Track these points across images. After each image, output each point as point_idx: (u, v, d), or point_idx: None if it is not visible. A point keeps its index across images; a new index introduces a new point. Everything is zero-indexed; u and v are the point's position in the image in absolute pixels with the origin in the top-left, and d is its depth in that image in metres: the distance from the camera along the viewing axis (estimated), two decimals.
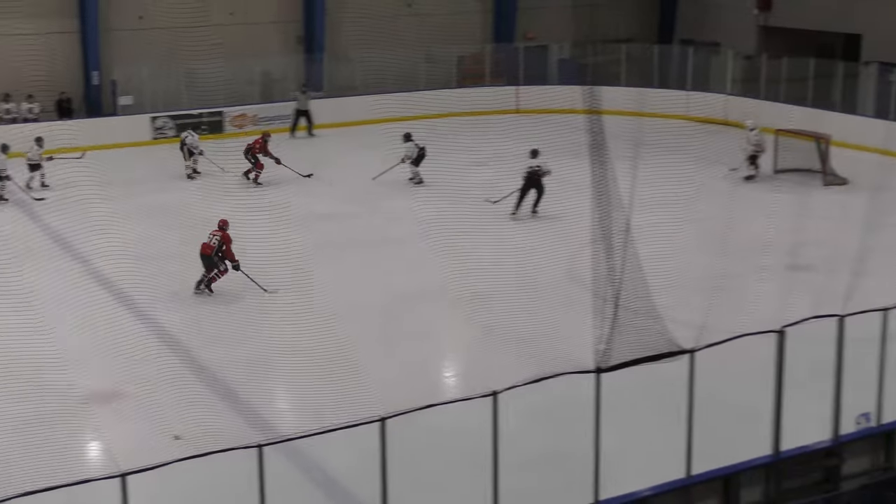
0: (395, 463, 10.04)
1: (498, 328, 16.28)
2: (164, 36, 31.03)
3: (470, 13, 36.51)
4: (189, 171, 27.32)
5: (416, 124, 28.39)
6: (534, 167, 23.08)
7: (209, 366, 15.37)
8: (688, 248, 19.53)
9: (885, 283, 16.90)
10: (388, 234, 21.40)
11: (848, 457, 12.00)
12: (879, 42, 32.20)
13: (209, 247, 18.59)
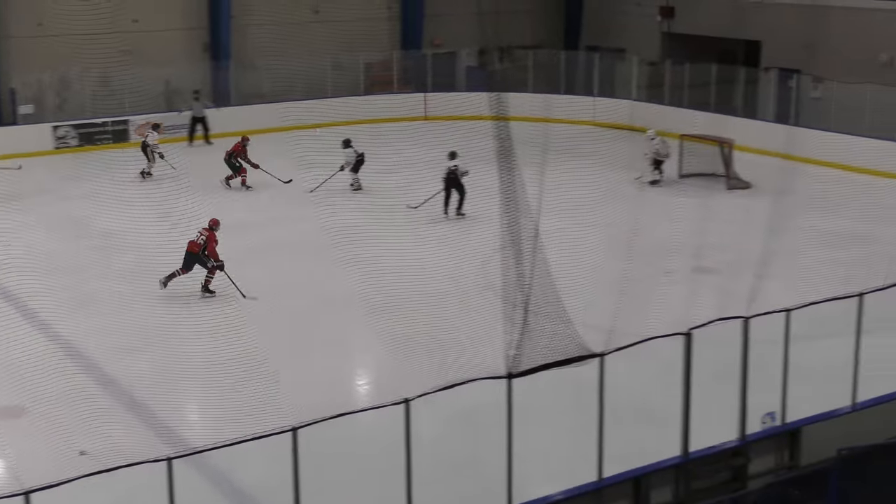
0: (308, 473, 9.96)
1: (409, 335, 16.26)
2: (66, 43, 30.41)
3: (377, 20, 36.44)
4: (148, 170, 27.25)
5: (323, 132, 28.27)
6: (451, 168, 23.18)
7: (116, 378, 15.10)
8: (596, 253, 19.70)
9: (788, 285, 17.25)
10: (298, 242, 21.25)
11: (754, 456, 12.22)
12: (778, 48, 32.92)
13: (196, 245, 18.84)
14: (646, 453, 11.87)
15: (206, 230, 18.97)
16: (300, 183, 24.62)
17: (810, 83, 31.27)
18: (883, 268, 15.48)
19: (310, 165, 23.24)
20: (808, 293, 14.09)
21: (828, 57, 30.98)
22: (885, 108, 28.68)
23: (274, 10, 33.84)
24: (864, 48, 30.37)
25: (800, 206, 23.60)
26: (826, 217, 23.09)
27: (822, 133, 28.54)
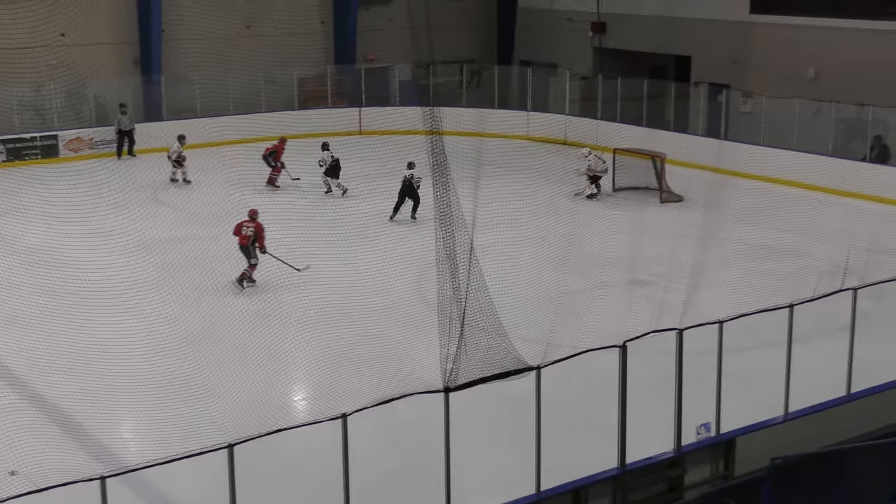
0: (245, 489, 9.86)
1: (346, 350, 16.20)
2: None
3: (310, 35, 36.36)
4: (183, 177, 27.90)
5: (259, 147, 28.14)
6: (407, 177, 23.85)
7: (46, 396, 14.83)
8: (531, 266, 19.81)
9: (720, 296, 17.45)
10: (233, 257, 21.06)
11: (690, 466, 12.31)
12: (708, 63, 33.38)
13: (245, 238, 19.56)
14: (583, 465, 11.91)
15: (250, 221, 19.72)
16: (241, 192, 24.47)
17: (739, 98, 31.77)
18: (812, 279, 15.71)
19: (241, 182, 23.10)
20: (740, 304, 14.26)
21: (756, 72, 31.50)
22: (813, 122, 29.23)
23: (206, 25, 33.61)
24: (792, 63, 30.90)
25: (730, 218, 23.94)
26: (756, 230, 23.42)
27: (752, 147, 29.00)
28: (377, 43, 36.80)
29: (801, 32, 30.82)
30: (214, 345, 16.72)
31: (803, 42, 30.72)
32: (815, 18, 30.77)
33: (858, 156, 28.20)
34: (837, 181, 27.18)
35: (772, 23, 31.69)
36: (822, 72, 30.48)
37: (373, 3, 37.06)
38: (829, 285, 14.27)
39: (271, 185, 27.38)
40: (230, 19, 34.44)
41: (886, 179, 26.71)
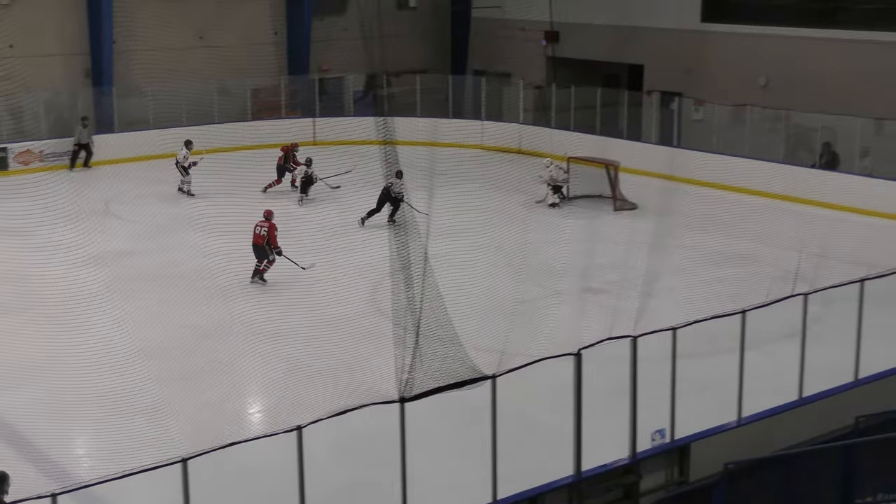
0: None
1: (301, 362, 16.14)
2: None
3: (263, 45, 36.25)
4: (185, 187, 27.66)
5: (212, 158, 28.00)
6: (388, 185, 23.82)
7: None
8: (486, 275, 19.84)
9: (673, 303, 17.57)
10: (186, 270, 20.93)
11: (645, 473, 12.37)
12: (660, 72, 33.65)
13: (260, 237, 20.42)
14: (539, 473, 11.94)
15: (265, 221, 20.62)
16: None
17: (692, 106, 32.04)
18: (764, 285, 15.86)
19: (198, 191, 22.96)
20: (693, 311, 14.36)
21: (708, 80, 31.77)
22: (764, 129, 29.55)
23: (157, 36, 33.41)
24: (743, 71, 31.21)
25: (683, 226, 24.12)
26: (709, 236, 23.60)
27: (704, 154, 29.23)
28: (331, 53, 36.75)
29: (752, 41, 31.15)
30: (168, 358, 16.61)
31: (754, 50, 31.05)
32: (765, 27, 31.11)
33: (808, 163, 28.53)
34: (788, 188, 27.46)
35: (723, 31, 32.00)
36: (772, 79, 30.82)
37: (326, 14, 37.03)
38: (780, 291, 14.41)
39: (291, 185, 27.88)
40: (182, 30, 34.26)
41: (835, 186, 27.03)
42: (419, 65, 37.81)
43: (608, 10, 34.19)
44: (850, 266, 18.78)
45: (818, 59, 29.53)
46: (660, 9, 33.17)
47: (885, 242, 22.57)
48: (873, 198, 26.15)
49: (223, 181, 26.38)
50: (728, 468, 11.24)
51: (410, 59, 36.89)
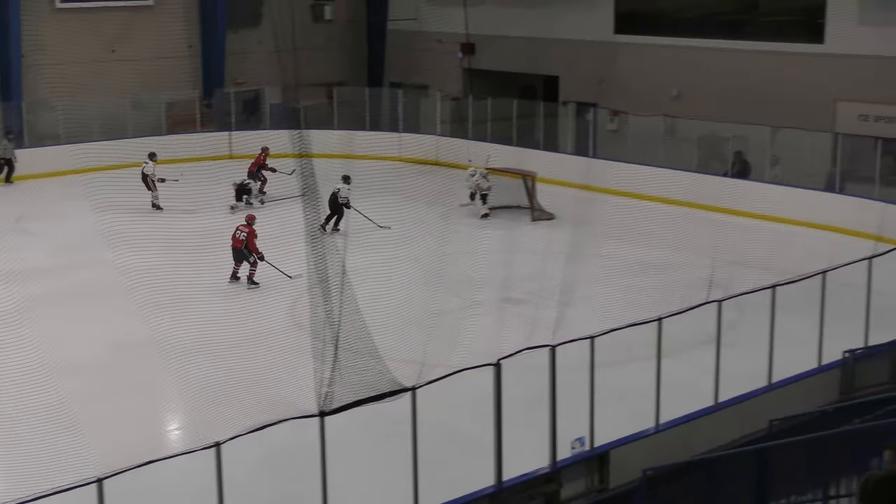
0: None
1: (220, 377, 15.95)
2: None
3: (177, 59, 35.89)
4: (155, 200, 27.30)
5: (124, 173, 27.59)
6: (335, 191, 24.47)
7: None
8: (405, 287, 19.83)
9: (591, 312, 17.72)
10: (102, 286, 20.62)
11: (566, 481, 12.46)
12: (575, 83, 33.98)
13: (238, 241, 21.18)
14: (461, 484, 11.95)
15: (246, 226, 21.40)
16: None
17: (606, 116, 32.42)
18: (679, 293, 16.08)
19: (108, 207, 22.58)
20: (610, 320, 14.49)
21: (622, 91, 32.17)
22: (677, 139, 30.00)
23: (68, 49, 32.87)
24: (656, 82, 31.67)
25: (600, 235, 24.35)
26: (625, 245, 23.86)
27: (619, 164, 29.56)
28: (246, 66, 36.54)
29: (664, 52, 31.62)
30: (85, 376, 16.33)
31: (666, 61, 31.52)
32: (676, 38, 31.61)
33: (720, 171, 29.01)
34: (701, 196, 27.89)
35: (635, 43, 32.44)
36: (684, 90, 31.31)
37: (241, 27, 36.80)
38: (695, 298, 14.62)
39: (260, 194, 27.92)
40: (93, 44, 33.76)
41: (747, 194, 27.53)
42: (335, 77, 37.76)
43: (523, 23, 34.50)
44: (762, 272, 19.11)
45: (726, 70, 30.08)
46: (574, 21, 33.52)
47: (795, 249, 23.00)
48: (783, 205, 26.68)
49: (138, 197, 26.05)
50: (647, 474, 11.35)
51: (326, 71, 36.82)
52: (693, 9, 33.17)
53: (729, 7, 32.96)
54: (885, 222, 21.48)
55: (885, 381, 15.61)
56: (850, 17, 27.65)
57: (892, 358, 15.79)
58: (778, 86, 29.04)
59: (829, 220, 25.67)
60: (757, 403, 14.23)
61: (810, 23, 29.31)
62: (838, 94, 28.01)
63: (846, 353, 15.40)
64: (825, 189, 26.93)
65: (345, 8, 39.44)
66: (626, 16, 33.40)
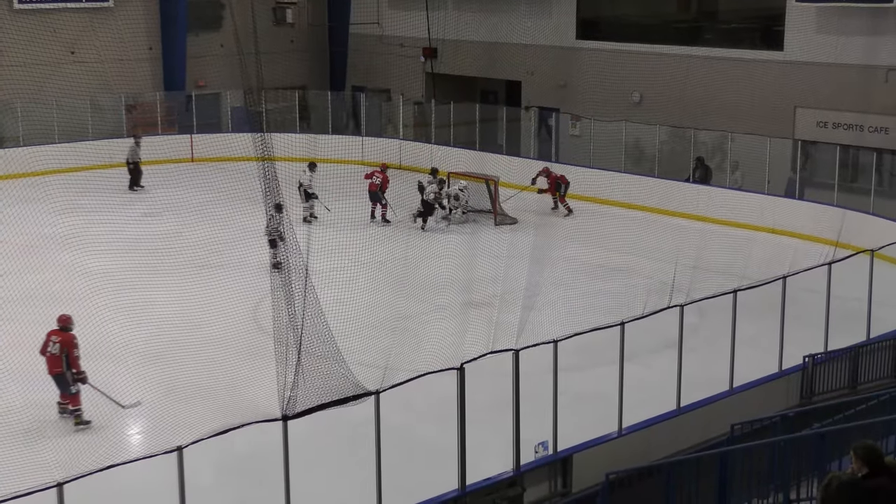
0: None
1: (182, 381, 15.86)
2: None
3: (138, 61, 35.62)
4: (306, 213, 26.18)
5: (84, 176, 27.40)
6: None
7: None
8: (368, 291, 19.80)
9: (554, 316, 17.77)
10: (57, 290, 20.41)
11: (529, 485, 12.47)
12: (537, 88, 34.09)
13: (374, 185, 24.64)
14: (424, 488, 11.93)
15: (380, 172, 24.85)
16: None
17: (569, 121, 32.55)
18: (642, 297, 16.16)
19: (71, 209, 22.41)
20: (573, 324, 14.54)
21: (584, 96, 32.34)
22: (639, 144, 30.18)
23: (26, 51, 32.46)
24: (617, 87, 31.82)
25: (562, 239, 24.43)
26: (587, 250, 23.97)
27: (581, 169, 29.67)
28: (207, 69, 36.34)
29: (625, 58, 31.78)
30: (43, 381, 16.13)
31: (628, 67, 31.68)
32: (637, 44, 31.79)
33: (682, 177, 29.21)
34: (663, 201, 28.10)
35: (597, 48, 32.60)
36: (646, 96, 31.48)
37: (202, 30, 36.61)
38: (657, 303, 14.69)
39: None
40: (52, 45, 33.36)
41: (708, 199, 27.73)
42: (297, 81, 37.65)
43: (486, 27, 34.59)
44: (722, 277, 19.25)
45: (687, 76, 30.28)
46: (536, 26, 33.63)
47: (755, 254, 23.19)
48: (744, 210, 26.90)
49: (98, 198, 25.82)
50: (609, 478, 11.39)
51: (288, 75, 36.69)
52: (654, 15, 33.45)
53: (689, 14, 33.26)
54: (845, 228, 21.68)
55: (845, 386, 15.77)
56: (808, 26, 27.94)
57: (851, 362, 15.95)
58: (738, 92, 29.29)
59: (789, 225, 25.92)
60: (718, 408, 14.32)
61: (769, 30, 29.62)
62: (797, 100, 28.28)
63: (806, 358, 15.53)
64: (785, 195, 27.16)
65: (307, 12, 39.36)
66: (588, 22, 33.57)
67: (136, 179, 30.42)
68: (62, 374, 14.82)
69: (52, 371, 14.85)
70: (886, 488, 7.82)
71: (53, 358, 14.80)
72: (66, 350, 14.75)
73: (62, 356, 14.77)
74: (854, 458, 7.98)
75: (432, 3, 35.04)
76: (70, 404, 14.87)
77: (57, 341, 14.86)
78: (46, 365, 14.89)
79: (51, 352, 14.83)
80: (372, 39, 38.13)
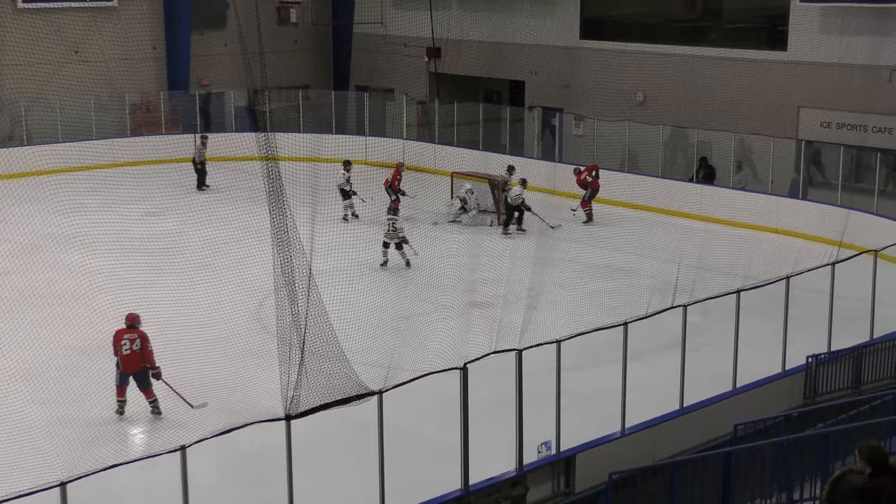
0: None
1: (184, 380, 15.85)
2: None
3: (142, 60, 35.67)
4: (347, 212, 26.75)
5: (87, 175, 27.41)
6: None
7: None
8: (372, 290, 19.80)
9: (557, 316, 17.76)
10: (60, 289, 20.45)
11: (532, 485, 12.46)
12: (541, 88, 34.09)
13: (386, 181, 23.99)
14: (427, 488, 11.93)
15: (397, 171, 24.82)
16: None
17: (572, 121, 32.54)
18: (645, 297, 16.14)
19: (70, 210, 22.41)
20: (577, 324, 14.54)
21: (588, 96, 32.33)
22: (643, 144, 30.16)
23: (30, 50, 32.51)
24: (621, 87, 31.82)
25: (566, 239, 24.41)
26: (590, 250, 23.97)
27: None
28: (211, 68, 36.37)
29: (629, 58, 31.78)
30: (45, 379, 16.17)
31: (631, 67, 31.68)
32: (641, 44, 31.78)
33: (685, 177, 29.18)
34: (666, 201, 28.08)
35: (601, 48, 32.60)
36: (649, 96, 31.47)
37: (206, 29, 36.64)
38: (660, 303, 14.68)
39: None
40: (56, 44, 33.41)
41: (712, 199, 27.73)
42: (301, 80, 37.67)
43: (490, 27, 34.58)
44: (726, 277, 19.23)
45: (691, 76, 30.27)
46: (540, 26, 33.62)
47: (759, 254, 23.17)
48: (747, 210, 26.88)
49: (101, 198, 25.85)
50: (613, 478, 11.38)
51: (292, 74, 36.72)
52: (658, 15, 33.42)
53: (693, 14, 33.23)
54: (848, 228, 21.65)
55: (848, 386, 15.75)
56: (812, 26, 27.93)
57: (854, 363, 15.93)
58: (742, 92, 29.28)
59: (793, 225, 25.91)
60: (722, 408, 14.30)
61: (773, 30, 29.59)
62: (801, 101, 28.26)
63: (810, 358, 15.51)
64: (789, 195, 27.15)
65: (311, 11, 39.37)
66: (592, 21, 33.56)
67: (203, 179, 30.26)
68: (144, 371, 15.11)
69: (134, 368, 15.11)
70: (890, 488, 7.82)
71: (133, 355, 15.08)
72: (143, 346, 15.08)
73: (141, 352, 15.06)
74: (858, 458, 7.98)
75: (436, 2, 35.06)
76: (147, 397, 15.23)
77: (134, 338, 15.14)
78: (123, 364, 15.12)
79: (131, 349, 15.09)
80: (376, 39, 38.15)
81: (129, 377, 15.18)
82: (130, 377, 15.18)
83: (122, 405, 15.27)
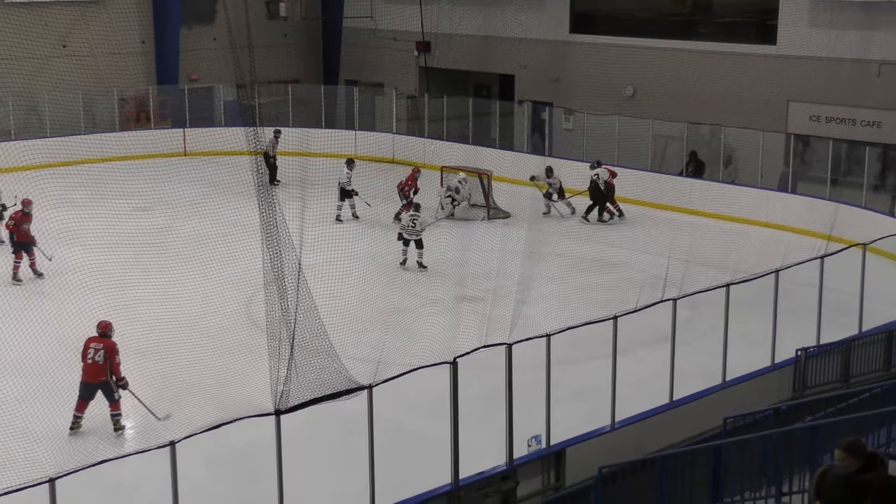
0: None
1: (174, 376, 15.83)
2: None
3: (131, 55, 35.53)
4: (344, 212, 26.23)
5: (76, 170, 27.31)
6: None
7: None
8: (361, 285, 19.78)
9: (547, 310, 17.76)
10: (50, 285, 20.38)
11: (522, 479, 12.47)
12: (530, 82, 34.07)
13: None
14: (418, 482, 11.93)
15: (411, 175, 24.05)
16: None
17: (562, 115, 32.54)
18: (635, 291, 16.16)
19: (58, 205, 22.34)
20: (566, 318, 14.54)
21: (577, 90, 32.33)
22: (631, 138, 30.15)
23: (17, 44, 32.31)
24: (611, 81, 31.81)
25: (555, 233, 24.40)
26: (580, 244, 23.97)
27: (575, 163, 29.64)
28: (201, 63, 36.27)
29: (619, 52, 31.77)
30: (34, 375, 16.11)
31: (621, 61, 31.67)
32: (631, 38, 31.78)
33: (675, 171, 29.21)
34: (656, 195, 28.09)
35: (591, 42, 32.59)
36: (639, 89, 31.48)
37: (195, 23, 36.53)
38: (650, 297, 14.69)
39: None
40: (43, 38, 33.26)
41: (701, 193, 27.76)
42: (291, 75, 37.58)
43: (479, 21, 34.55)
44: (716, 271, 19.27)
45: (680, 70, 30.29)
46: (530, 20, 33.60)
47: (748, 248, 23.21)
48: (737, 204, 26.91)
49: (89, 192, 25.76)
50: (603, 471, 11.39)
51: (282, 69, 36.62)
52: (648, 9, 33.44)
53: (683, 8, 33.25)
54: (837, 222, 21.70)
55: (837, 379, 15.79)
56: (801, 20, 27.95)
57: (843, 356, 15.97)
58: (731, 86, 29.30)
59: (782, 219, 25.94)
60: (711, 401, 14.33)
61: (763, 24, 29.62)
62: (790, 94, 28.29)
63: (799, 351, 15.55)
64: (778, 189, 27.19)
65: (300, 6, 39.25)
66: (582, 15, 33.55)
67: (274, 175, 29.75)
68: (107, 382, 14.39)
69: (97, 379, 14.33)
70: (875, 480, 7.86)
71: (97, 366, 14.31)
72: (108, 357, 14.35)
73: (106, 364, 14.34)
74: (845, 455, 7.98)
75: None
76: (112, 410, 14.54)
77: (99, 348, 14.39)
78: (85, 373, 14.39)
79: (94, 359, 14.34)
80: (365, 33, 38.07)
81: (95, 391, 14.42)
82: (98, 391, 14.44)
83: (78, 420, 14.38)
